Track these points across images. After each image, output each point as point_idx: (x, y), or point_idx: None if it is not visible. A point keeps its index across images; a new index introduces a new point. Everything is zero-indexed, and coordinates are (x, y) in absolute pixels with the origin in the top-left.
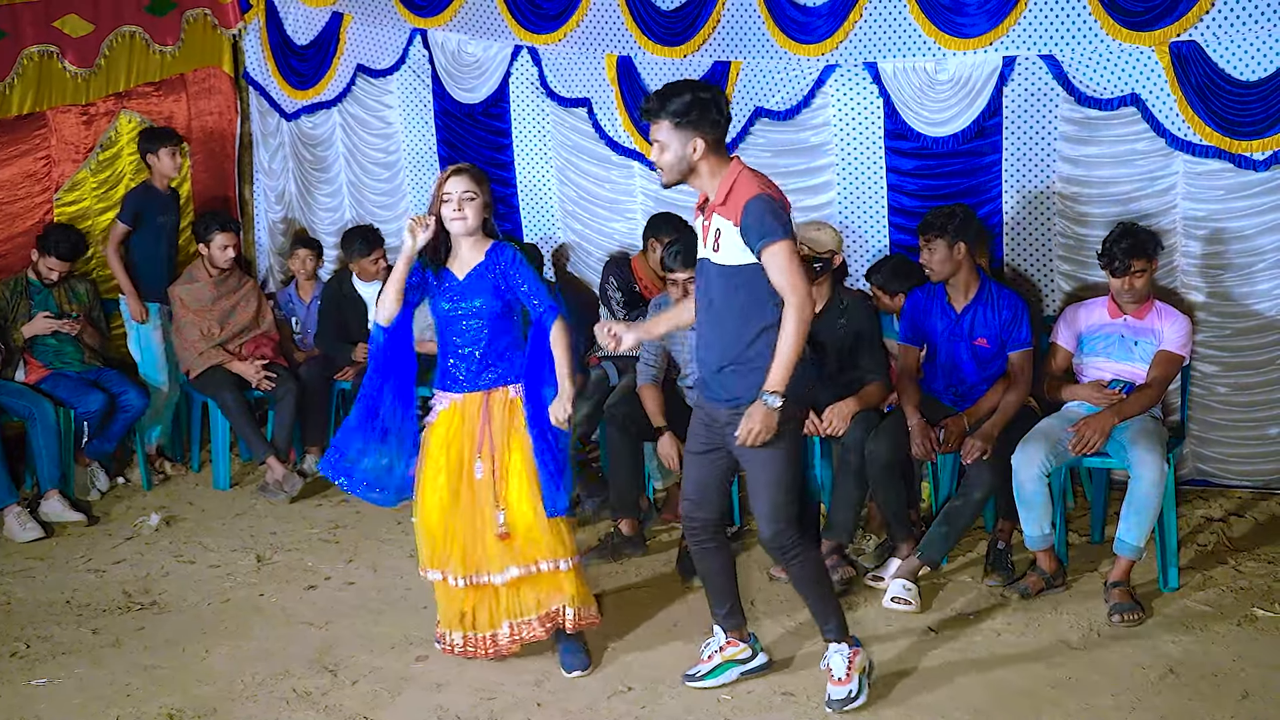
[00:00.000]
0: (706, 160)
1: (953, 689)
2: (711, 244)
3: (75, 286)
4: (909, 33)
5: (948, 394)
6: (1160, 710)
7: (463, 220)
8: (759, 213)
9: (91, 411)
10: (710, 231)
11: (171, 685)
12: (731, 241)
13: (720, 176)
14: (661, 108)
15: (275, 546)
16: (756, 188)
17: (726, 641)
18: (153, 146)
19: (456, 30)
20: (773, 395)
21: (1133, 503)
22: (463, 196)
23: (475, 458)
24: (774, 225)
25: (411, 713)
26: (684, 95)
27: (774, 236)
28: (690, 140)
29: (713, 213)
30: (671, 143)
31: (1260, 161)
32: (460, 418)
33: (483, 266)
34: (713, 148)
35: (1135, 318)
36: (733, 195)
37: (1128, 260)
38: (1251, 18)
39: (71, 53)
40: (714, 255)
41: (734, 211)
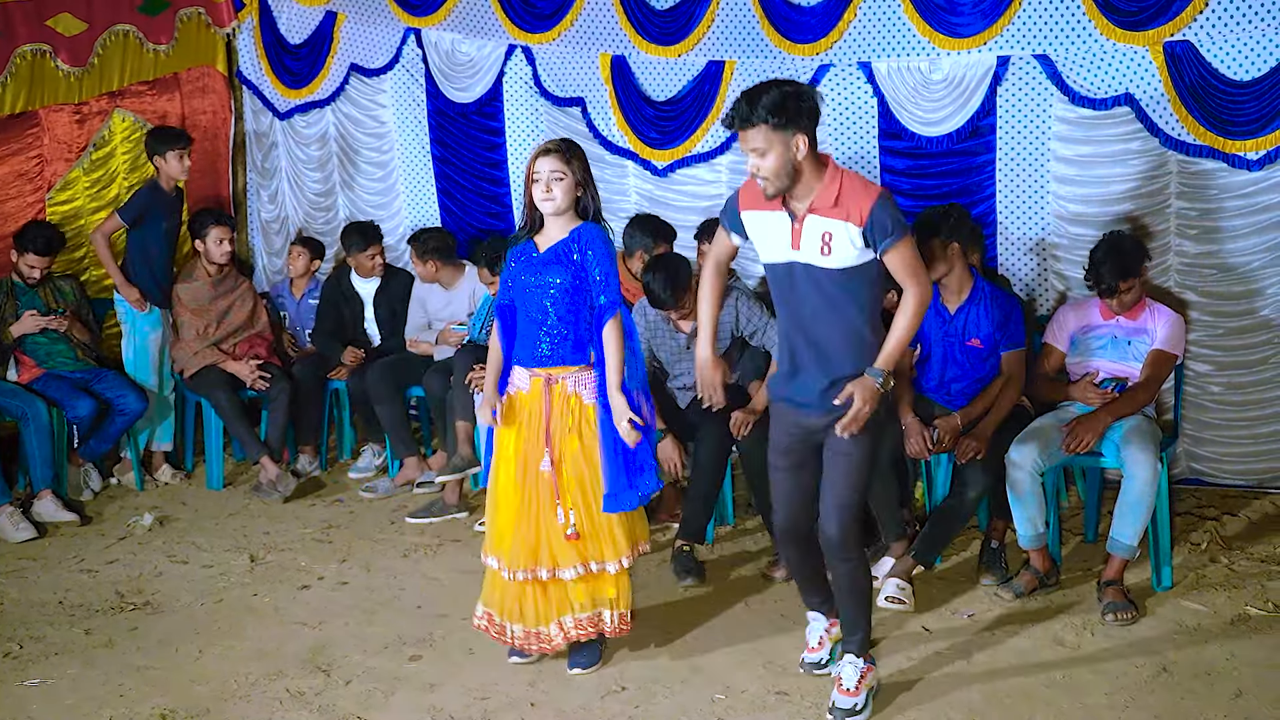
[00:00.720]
0: (808, 158)
1: (947, 688)
2: (817, 249)
3: (60, 285)
4: (903, 32)
5: (941, 394)
6: (1154, 709)
7: (551, 201)
8: (889, 210)
9: (81, 416)
10: (812, 236)
11: (165, 686)
12: (846, 243)
13: (817, 178)
14: (752, 111)
15: (269, 546)
16: (875, 187)
17: (830, 623)
18: (160, 148)
19: (450, 29)
20: (881, 372)
21: (1126, 502)
22: (551, 177)
23: (544, 451)
24: (901, 222)
25: (405, 713)
26: (772, 92)
27: (900, 234)
28: (792, 139)
29: (811, 214)
30: (773, 147)
31: (1254, 161)
32: (525, 407)
33: (565, 243)
34: (813, 145)
35: (1128, 318)
36: (845, 195)
37: (1114, 282)
38: (1245, 18)
39: (64, 51)
40: (821, 259)
41: (854, 212)
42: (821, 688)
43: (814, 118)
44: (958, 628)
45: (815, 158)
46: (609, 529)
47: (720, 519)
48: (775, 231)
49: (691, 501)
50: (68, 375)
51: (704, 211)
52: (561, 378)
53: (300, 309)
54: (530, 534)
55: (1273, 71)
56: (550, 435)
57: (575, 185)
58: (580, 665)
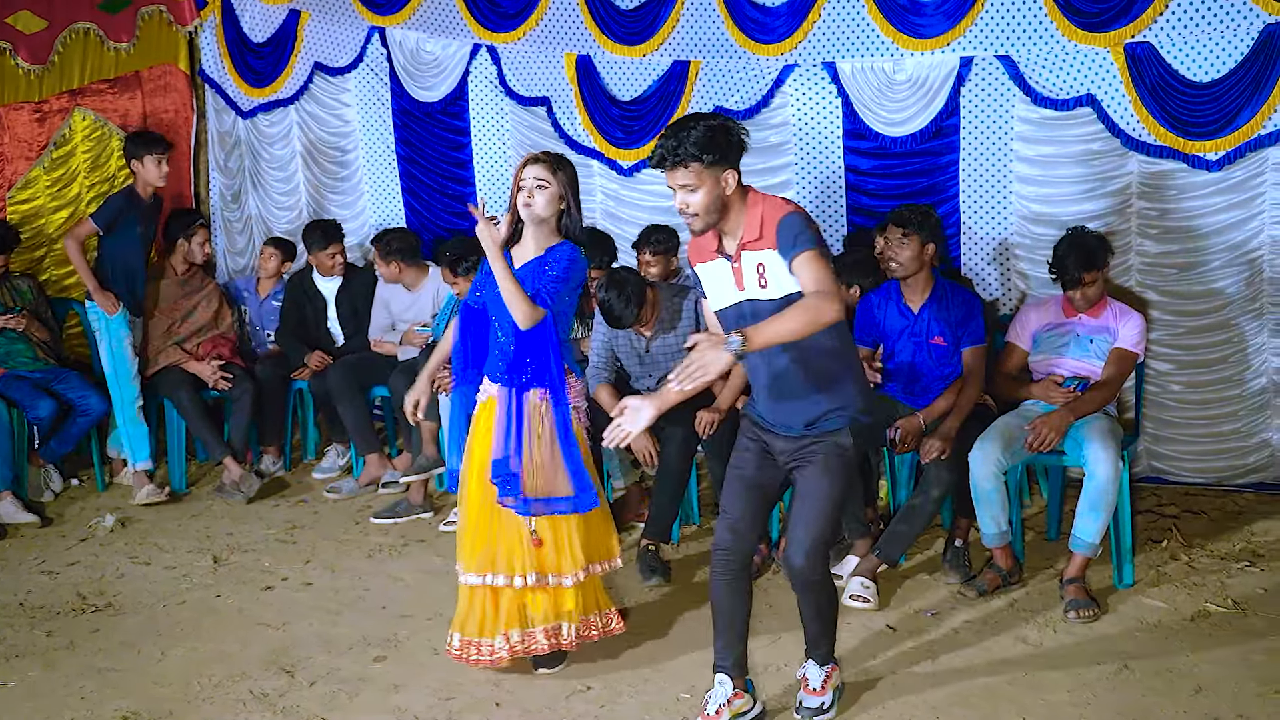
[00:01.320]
0: (736, 192)
1: (910, 686)
2: (755, 282)
3: (17, 284)
4: (867, 33)
5: (904, 394)
6: (1115, 705)
7: (530, 207)
8: (796, 225)
9: (41, 417)
10: (748, 271)
11: (127, 688)
12: (778, 271)
13: (745, 211)
14: (679, 147)
15: (232, 547)
16: (788, 205)
17: (734, 694)
18: (138, 152)
19: (415, 28)
20: (739, 341)
21: (1088, 499)
22: (535, 184)
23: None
24: (809, 236)
25: (369, 713)
26: (699, 128)
27: (804, 245)
28: (722, 174)
29: (744, 250)
30: (703, 183)
31: (1213, 162)
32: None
33: (537, 262)
34: (739, 179)
35: (1090, 316)
36: (765, 223)
37: (1078, 273)
38: (1205, 19)
39: (24, 49)
40: (763, 293)
41: (770, 237)
42: (788, 687)
43: (741, 151)
44: (921, 626)
45: (741, 190)
46: (568, 542)
47: (685, 518)
48: (720, 279)
49: (657, 501)
50: (28, 375)
51: (668, 211)
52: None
53: (262, 309)
54: (490, 540)
55: (1232, 73)
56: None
57: (558, 197)
58: (546, 665)
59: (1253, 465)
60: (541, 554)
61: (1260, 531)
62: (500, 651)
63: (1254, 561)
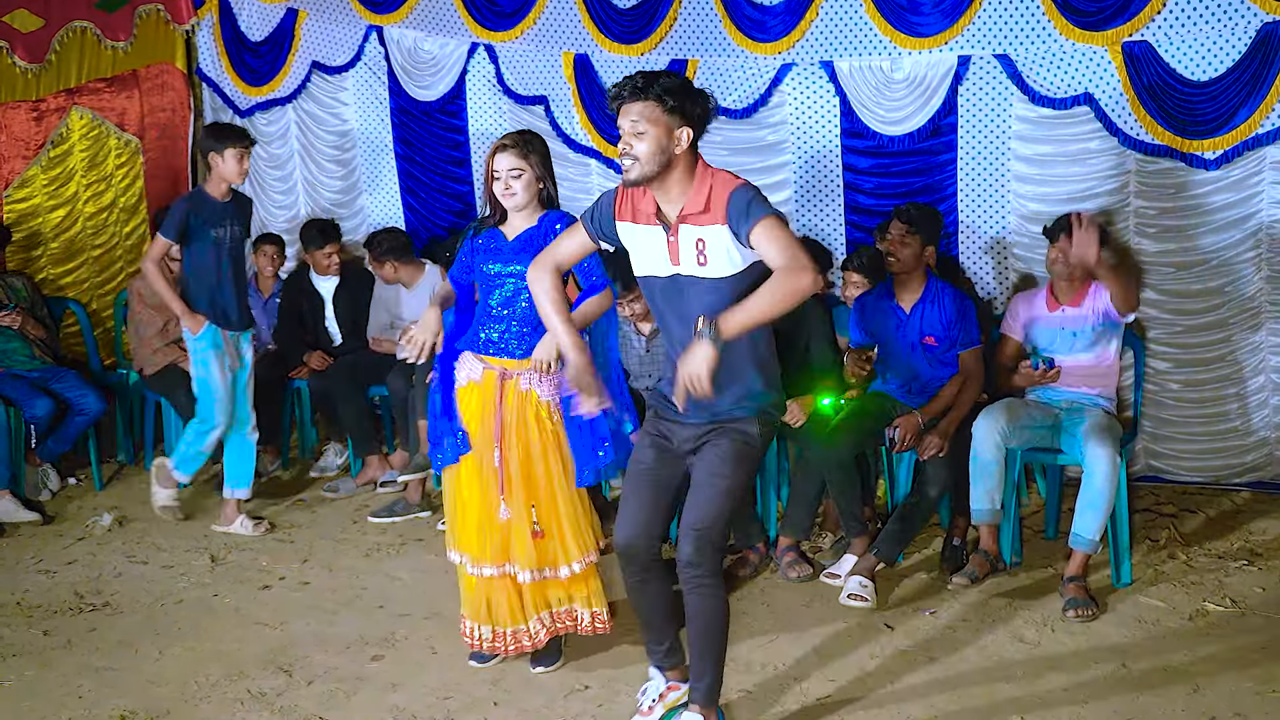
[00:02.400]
0: (685, 158)
1: (908, 685)
2: (693, 258)
3: (12, 282)
4: (865, 32)
5: (902, 392)
6: (1112, 704)
7: (513, 197)
8: (748, 196)
9: (38, 416)
10: (686, 246)
11: (124, 687)
12: (720, 248)
13: (692, 181)
14: (648, 85)
15: (229, 546)
16: (733, 180)
17: (668, 686)
18: (216, 146)
19: (413, 27)
20: (714, 331)
21: (1086, 497)
22: (509, 175)
23: (494, 445)
24: (765, 203)
25: (367, 713)
26: (673, 78)
27: (760, 212)
28: (678, 129)
29: (683, 223)
30: (654, 128)
31: (1211, 160)
32: (479, 399)
33: (534, 230)
34: (693, 147)
35: (1071, 306)
36: (714, 197)
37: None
38: (1202, 18)
39: (21, 48)
40: (700, 269)
41: (719, 211)
42: (785, 686)
43: (704, 120)
44: (919, 625)
45: (691, 159)
46: (560, 533)
47: None
48: (651, 246)
49: None
50: (24, 374)
51: None
52: (515, 373)
53: (266, 309)
54: (494, 527)
55: (1229, 72)
56: (502, 430)
57: (536, 179)
58: (543, 664)
59: (1251, 464)
60: (541, 546)
61: (1258, 530)
62: (539, 635)
63: (1252, 560)
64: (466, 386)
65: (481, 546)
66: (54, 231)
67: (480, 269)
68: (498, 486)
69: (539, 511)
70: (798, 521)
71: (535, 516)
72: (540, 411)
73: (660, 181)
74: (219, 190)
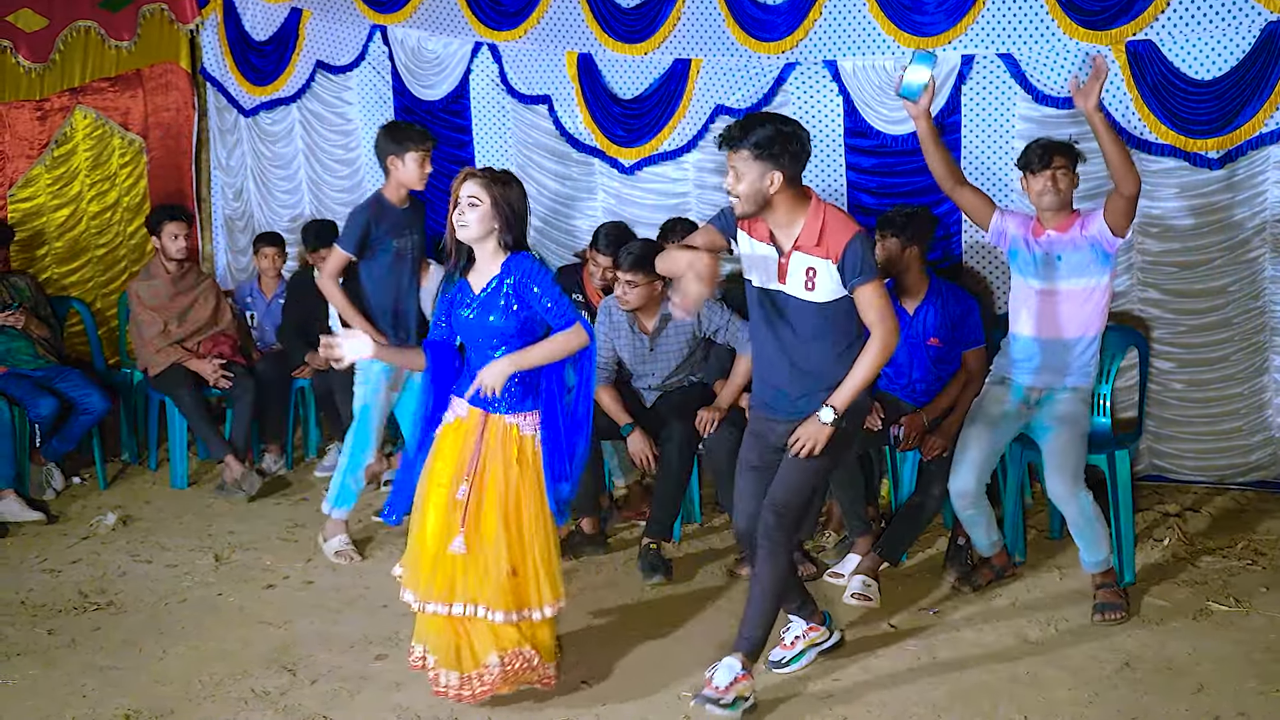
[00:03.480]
0: (783, 194)
1: (912, 685)
2: (803, 283)
3: (15, 282)
4: (868, 31)
5: (906, 392)
6: (1116, 704)
7: (464, 228)
8: (861, 252)
9: (43, 416)
10: (797, 271)
11: (128, 686)
12: (827, 279)
13: (799, 213)
14: (743, 137)
15: (233, 546)
16: (853, 226)
17: (809, 627)
18: (398, 148)
19: (416, 27)
20: (830, 410)
21: (1074, 532)
22: (467, 201)
23: (463, 480)
24: (871, 264)
25: (370, 712)
26: (767, 127)
27: (870, 275)
28: (768, 173)
29: (797, 251)
30: (749, 173)
31: (1215, 160)
32: (459, 434)
33: (497, 281)
34: (790, 183)
35: (1058, 231)
36: (827, 235)
37: (1049, 155)
38: (1206, 17)
39: (25, 47)
40: (806, 294)
41: (833, 249)
42: (788, 684)
43: (797, 160)
44: (923, 624)
45: (795, 195)
46: (535, 574)
47: (687, 516)
48: (764, 262)
49: (658, 499)
50: (29, 373)
51: (671, 209)
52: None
53: (270, 309)
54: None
55: (1233, 71)
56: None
57: (490, 215)
58: None
59: (1255, 463)
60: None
61: (1262, 530)
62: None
63: (1256, 560)
64: (453, 424)
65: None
66: (58, 231)
67: (456, 320)
68: (460, 519)
69: (509, 549)
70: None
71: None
72: (523, 447)
73: (769, 214)
74: (398, 196)
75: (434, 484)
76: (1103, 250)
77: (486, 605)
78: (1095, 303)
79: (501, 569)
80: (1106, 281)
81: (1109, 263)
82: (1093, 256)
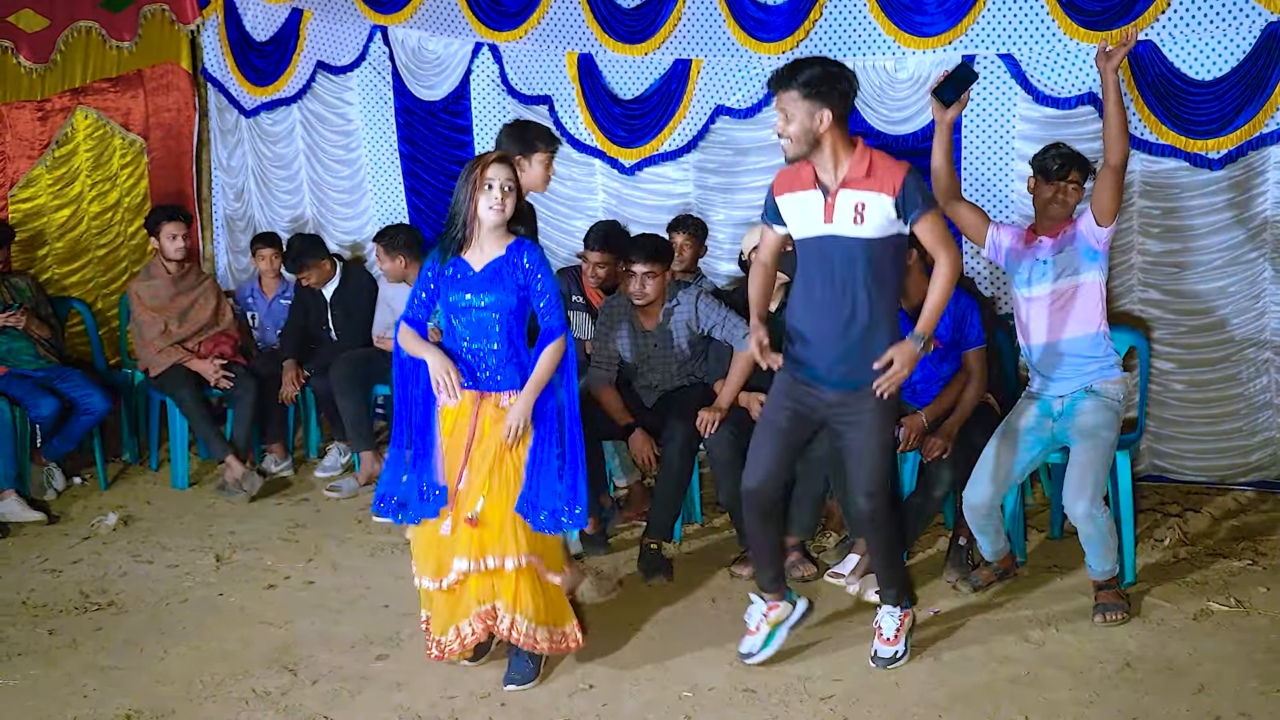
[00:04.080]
0: (832, 133)
1: (913, 684)
2: (850, 219)
3: (15, 282)
4: (869, 31)
5: (906, 393)
6: (1117, 704)
7: (500, 212)
8: (919, 183)
9: (44, 416)
10: (844, 207)
11: (129, 686)
12: (879, 213)
13: (847, 153)
14: (792, 77)
15: (234, 546)
16: (905, 162)
17: (769, 606)
18: (525, 149)
19: (417, 27)
20: (921, 337)
21: (1084, 541)
22: (505, 186)
23: (460, 465)
24: (930, 195)
25: (372, 712)
26: (814, 67)
27: (931, 205)
28: (818, 111)
29: (845, 187)
30: (798, 113)
31: (1215, 160)
32: (452, 418)
33: (502, 261)
34: (839, 122)
35: (1049, 237)
36: (877, 169)
37: (1067, 169)
38: (1207, 18)
39: (26, 48)
40: (854, 229)
41: (887, 183)
42: (790, 685)
43: (845, 99)
44: (924, 624)
45: (843, 136)
46: (512, 527)
47: (688, 517)
48: (809, 208)
49: (659, 500)
50: (29, 374)
51: (672, 210)
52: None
53: (272, 310)
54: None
55: (1234, 71)
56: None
57: (514, 201)
58: (514, 682)
59: (1255, 464)
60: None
61: (1263, 530)
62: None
63: (1256, 560)
64: (443, 409)
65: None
66: (59, 231)
67: (447, 300)
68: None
69: (488, 503)
70: (802, 521)
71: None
72: None
73: (817, 155)
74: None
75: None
76: (1089, 247)
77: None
78: (1091, 299)
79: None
80: (1098, 277)
81: (1097, 258)
82: (1081, 253)
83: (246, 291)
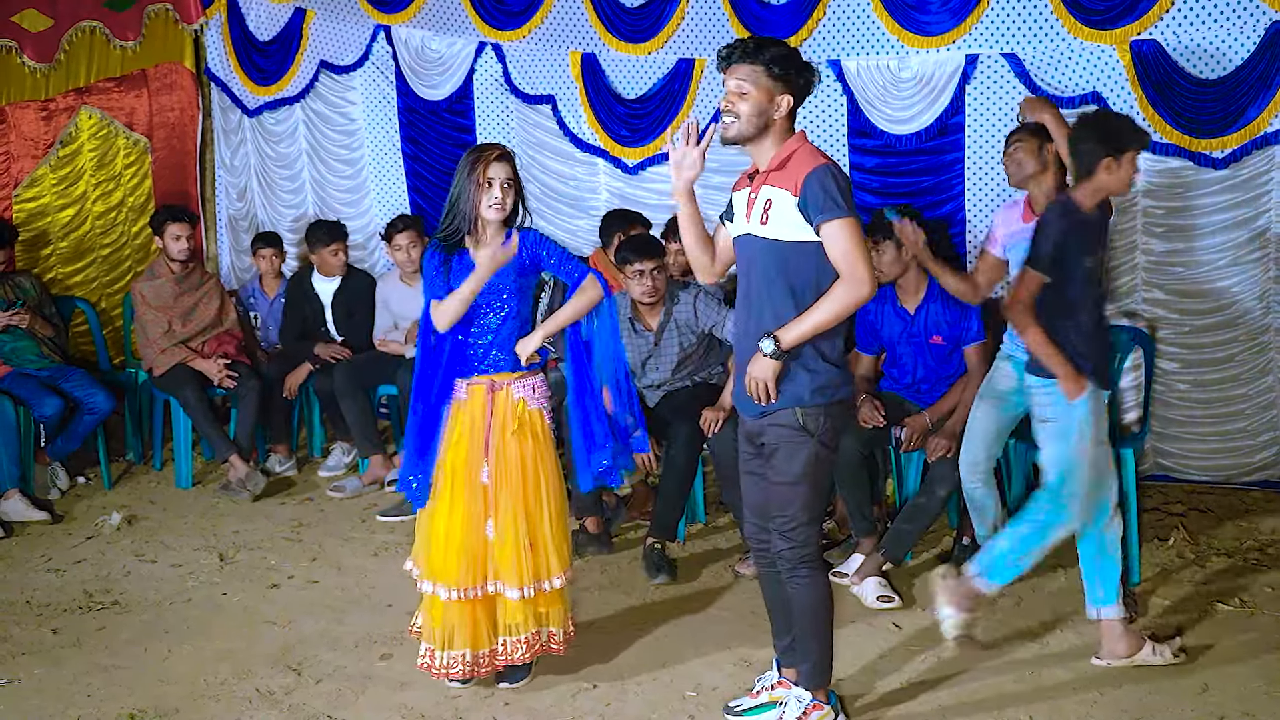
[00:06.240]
0: (782, 125)
1: (916, 685)
2: (758, 216)
3: (20, 281)
4: (872, 31)
5: (909, 392)
6: (1122, 704)
7: (501, 210)
8: (822, 184)
9: (47, 416)
10: (757, 203)
11: (133, 685)
12: (784, 213)
13: (780, 144)
14: (758, 51)
15: (238, 545)
16: (821, 158)
17: (778, 681)
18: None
19: (420, 26)
20: (770, 341)
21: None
22: (505, 184)
23: (482, 461)
24: (839, 200)
25: (376, 711)
26: (782, 46)
27: (837, 212)
28: (780, 95)
29: (762, 183)
30: (756, 92)
31: (1219, 159)
32: (468, 417)
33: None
34: (790, 116)
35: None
36: (791, 163)
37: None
38: (1211, 17)
39: (30, 48)
40: (760, 229)
41: (792, 180)
42: None
43: (802, 93)
44: (927, 625)
45: (788, 128)
46: (545, 546)
47: (692, 517)
48: (739, 207)
49: (663, 499)
50: (33, 373)
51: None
52: (506, 384)
53: (273, 309)
54: (477, 547)
55: (1238, 70)
56: (489, 445)
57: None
58: (509, 681)
59: (1260, 463)
60: (532, 558)
61: (1268, 530)
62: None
63: (1261, 560)
64: (454, 405)
65: (464, 571)
66: (63, 231)
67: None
68: (484, 504)
69: (528, 523)
70: None
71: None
72: (532, 420)
73: (756, 144)
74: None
75: (452, 471)
76: None
77: (504, 582)
78: None
79: (522, 545)
80: None
81: None
82: None
83: (249, 291)
